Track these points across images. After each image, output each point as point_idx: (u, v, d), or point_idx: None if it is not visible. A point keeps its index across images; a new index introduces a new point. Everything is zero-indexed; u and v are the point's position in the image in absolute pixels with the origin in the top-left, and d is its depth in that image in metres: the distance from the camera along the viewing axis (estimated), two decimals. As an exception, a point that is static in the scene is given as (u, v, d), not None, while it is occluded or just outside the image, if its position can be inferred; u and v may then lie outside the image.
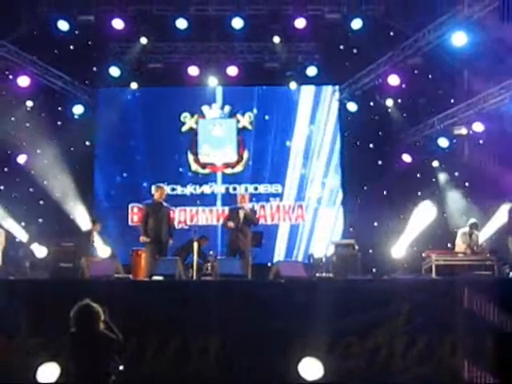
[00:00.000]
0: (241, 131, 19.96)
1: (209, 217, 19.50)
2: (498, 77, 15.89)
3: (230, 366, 10.44)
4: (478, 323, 10.59)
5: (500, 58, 15.56)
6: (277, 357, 10.37)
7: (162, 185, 14.47)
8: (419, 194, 17.92)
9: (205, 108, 19.97)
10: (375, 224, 18.53)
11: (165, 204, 14.07)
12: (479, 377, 10.38)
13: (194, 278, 13.76)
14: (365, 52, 18.42)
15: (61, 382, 9.89)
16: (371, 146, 19.22)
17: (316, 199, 19.67)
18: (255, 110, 19.99)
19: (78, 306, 7.45)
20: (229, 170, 19.77)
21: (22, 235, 16.88)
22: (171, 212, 14.68)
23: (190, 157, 19.76)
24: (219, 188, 19.70)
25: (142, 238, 13.64)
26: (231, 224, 14.11)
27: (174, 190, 19.02)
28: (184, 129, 19.92)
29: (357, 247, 14.31)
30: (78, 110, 19.22)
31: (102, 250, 17.36)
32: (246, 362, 10.42)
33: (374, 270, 15.72)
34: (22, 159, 18.39)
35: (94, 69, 19.10)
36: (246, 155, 19.80)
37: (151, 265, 13.25)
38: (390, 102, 18.69)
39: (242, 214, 14.19)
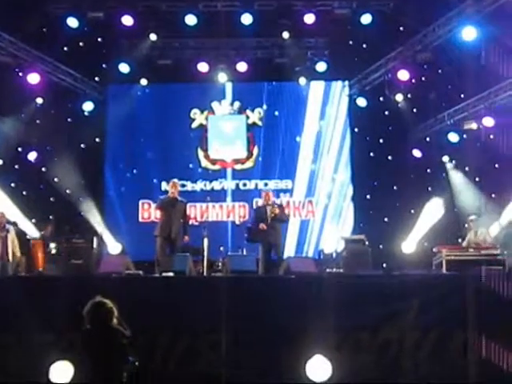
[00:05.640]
0: (250, 127, 19.94)
1: (219, 213, 19.49)
2: (509, 71, 15.83)
3: (240, 362, 10.44)
4: (488, 318, 10.59)
5: (510, 52, 15.52)
6: (286, 354, 10.38)
7: (174, 180, 14.39)
8: (429, 189, 17.89)
9: (214, 104, 19.96)
10: (385, 219, 18.50)
11: (179, 199, 14.00)
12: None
13: (205, 274, 13.75)
14: (374, 47, 18.38)
15: (75, 381, 9.94)
16: (381, 141, 19.20)
17: (326, 195, 19.62)
18: (265, 106, 19.96)
19: (91, 303, 7.46)
20: (239, 166, 19.75)
21: (32, 232, 16.91)
22: (187, 207, 14.59)
23: (200, 153, 19.76)
24: (229, 184, 19.69)
25: None
26: (263, 225, 14.07)
27: (184, 186, 18.90)
28: (194, 125, 19.91)
29: (367, 242, 14.33)
30: (87, 106, 19.21)
31: (113, 246, 17.46)
32: (256, 359, 10.43)
33: (384, 265, 15.68)
34: (32, 156, 18.45)
35: (104, 65, 19.16)
36: (255, 151, 19.78)
37: (162, 261, 13.25)
38: (399, 97, 18.61)
39: (269, 212, 14.18)
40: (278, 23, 18.21)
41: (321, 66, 19.40)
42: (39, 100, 18.06)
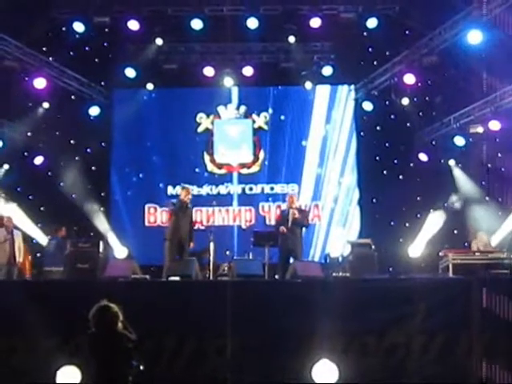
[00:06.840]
0: (256, 131, 19.92)
1: (225, 217, 19.46)
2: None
3: (246, 367, 10.43)
4: (495, 322, 10.57)
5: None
6: (292, 358, 10.37)
7: (186, 185, 14.33)
8: (435, 193, 17.85)
9: (220, 108, 19.95)
10: (392, 223, 18.47)
11: (189, 205, 14.00)
12: (496, 376, 10.38)
13: (211, 278, 13.74)
14: (380, 51, 18.41)
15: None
16: (387, 145, 19.16)
17: (332, 199, 19.59)
18: (271, 110, 19.94)
19: (97, 307, 7.46)
20: (245, 170, 19.73)
21: (39, 237, 16.92)
22: (193, 212, 14.58)
23: (206, 157, 19.75)
24: (235, 188, 19.66)
25: None
26: (283, 228, 14.01)
27: (190, 190, 18.95)
28: (200, 129, 19.90)
29: (373, 246, 14.29)
30: (94, 111, 19.21)
31: (119, 250, 17.43)
32: (262, 364, 10.42)
33: (390, 269, 15.66)
34: (38, 161, 18.46)
35: (110, 70, 19.13)
36: (261, 155, 19.77)
37: (169, 265, 13.23)
38: (405, 101, 18.59)
39: (290, 216, 14.13)
40: (283, 27, 18.22)
41: (327, 70, 19.38)
42: (45, 105, 18.10)
